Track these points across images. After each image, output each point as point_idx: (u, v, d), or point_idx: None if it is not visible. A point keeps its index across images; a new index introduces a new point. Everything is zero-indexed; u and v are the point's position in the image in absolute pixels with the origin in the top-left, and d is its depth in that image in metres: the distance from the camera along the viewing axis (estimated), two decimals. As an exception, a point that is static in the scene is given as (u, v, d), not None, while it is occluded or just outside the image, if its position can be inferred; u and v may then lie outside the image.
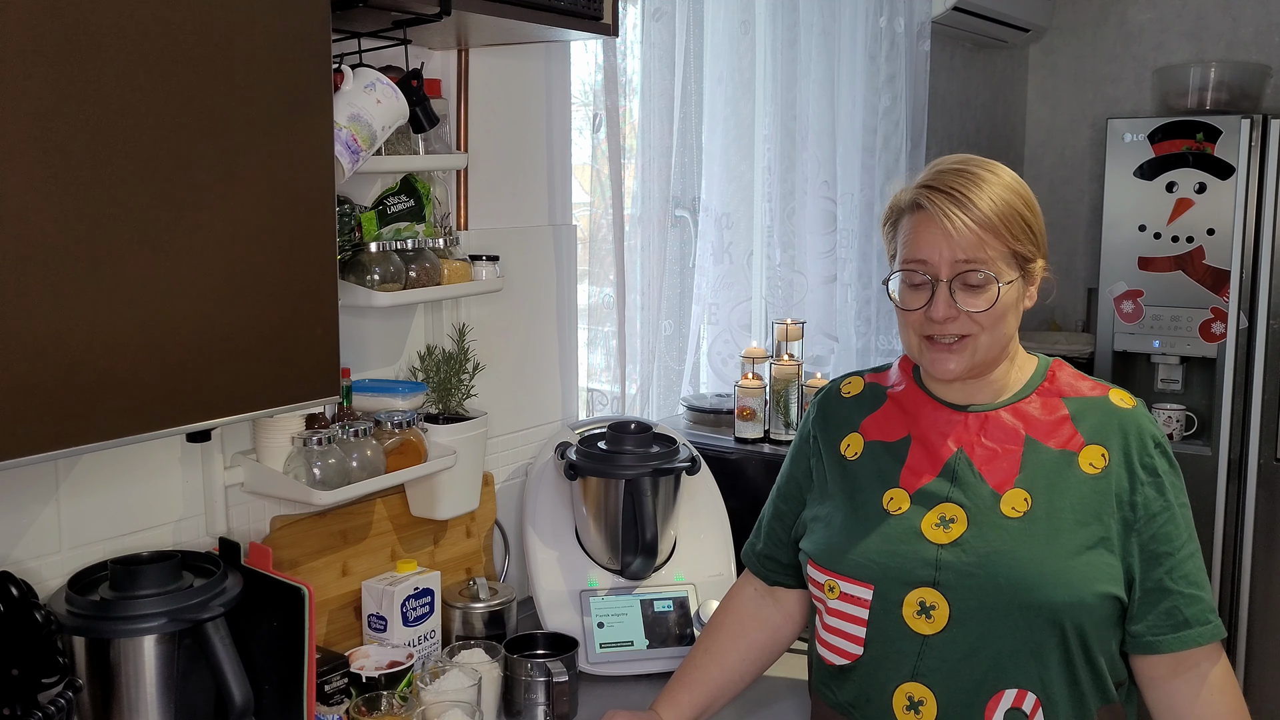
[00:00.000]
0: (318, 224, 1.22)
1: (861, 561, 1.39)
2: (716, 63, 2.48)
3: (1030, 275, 1.41)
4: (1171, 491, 1.38)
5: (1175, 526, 1.37)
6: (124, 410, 1.06)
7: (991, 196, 1.36)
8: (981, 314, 1.36)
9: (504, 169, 1.98)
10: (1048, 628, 1.32)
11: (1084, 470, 1.37)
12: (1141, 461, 1.38)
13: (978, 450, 1.41)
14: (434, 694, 1.49)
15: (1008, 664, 1.33)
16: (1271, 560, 3.23)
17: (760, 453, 2.16)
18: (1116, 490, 1.36)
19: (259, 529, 1.61)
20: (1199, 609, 1.36)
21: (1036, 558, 1.33)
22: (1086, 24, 3.96)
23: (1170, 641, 1.35)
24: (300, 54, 1.18)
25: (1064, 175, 4.08)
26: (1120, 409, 1.42)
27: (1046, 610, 1.32)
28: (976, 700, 1.33)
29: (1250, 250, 3.16)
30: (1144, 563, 1.36)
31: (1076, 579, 1.33)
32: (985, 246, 1.35)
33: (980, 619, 1.33)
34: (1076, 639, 1.33)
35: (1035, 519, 1.35)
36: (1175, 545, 1.36)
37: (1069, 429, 1.40)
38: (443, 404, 1.79)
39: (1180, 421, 3.38)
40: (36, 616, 1.21)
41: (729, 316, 2.60)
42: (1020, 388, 1.45)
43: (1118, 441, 1.39)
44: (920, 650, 1.35)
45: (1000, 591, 1.32)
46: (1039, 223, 1.41)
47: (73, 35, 0.99)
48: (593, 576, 1.87)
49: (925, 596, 1.35)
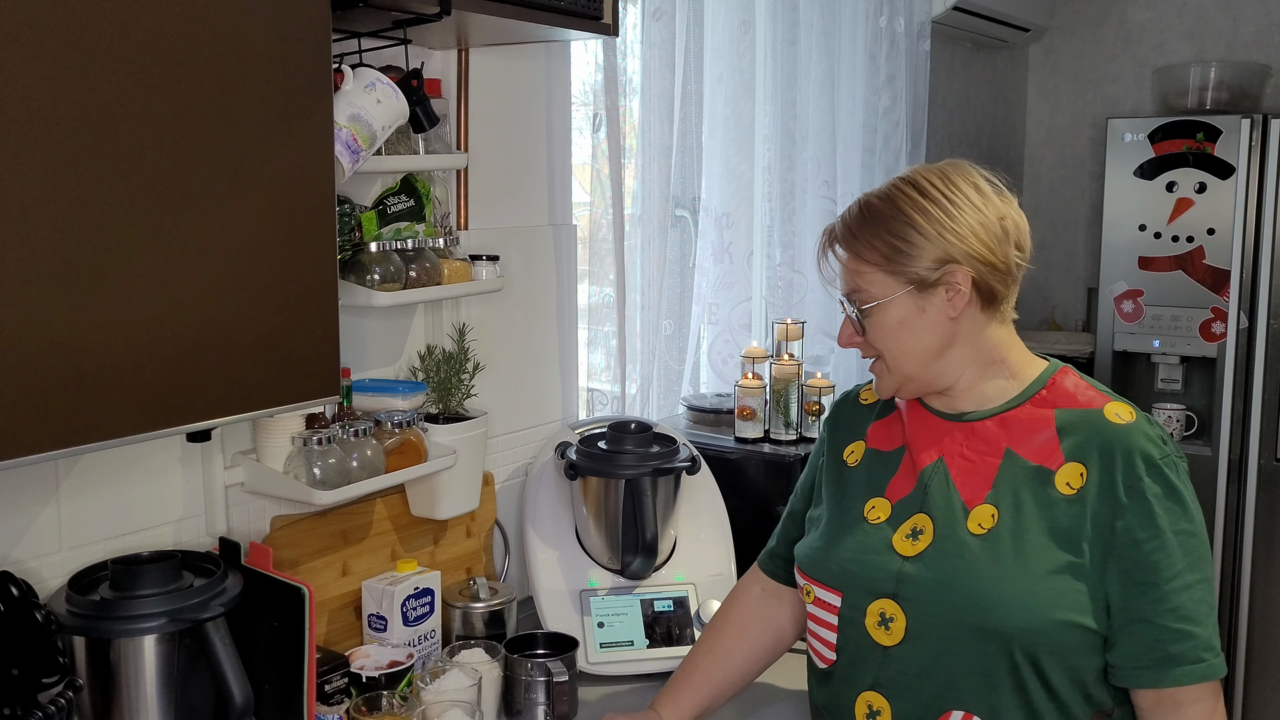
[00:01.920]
0: (318, 224, 1.22)
1: (832, 569, 1.40)
2: (716, 63, 2.48)
3: (926, 281, 1.32)
4: (1165, 517, 1.26)
5: (1165, 555, 1.26)
6: (124, 410, 1.06)
7: (854, 222, 1.36)
8: (875, 336, 1.37)
9: (504, 169, 1.98)
10: (998, 652, 1.28)
11: (1059, 490, 1.30)
12: (1127, 484, 1.27)
13: (957, 461, 1.37)
14: (434, 694, 1.49)
15: (960, 684, 1.30)
16: (1271, 560, 3.22)
17: (760, 453, 2.16)
18: (1094, 514, 1.28)
19: (259, 529, 1.61)
20: (1188, 646, 1.25)
21: (992, 579, 1.29)
22: (1086, 24, 3.96)
23: (1149, 677, 1.26)
24: (300, 54, 1.18)
25: (1064, 175, 4.08)
26: (1111, 424, 1.31)
27: (996, 634, 1.28)
28: (927, 716, 1.32)
29: (1250, 250, 3.16)
30: (1125, 592, 1.27)
31: (1034, 605, 1.26)
32: (858, 274, 1.36)
33: (934, 636, 1.31)
34: (1029, 666, 1.28)
35: (999, 538, 1.30)
36: (1163, 575, 1.25)
37: (1052, 443, 1.32)
38: (443, 404, 1.79)
39: (1180, 421, 3.38)
40: (37, 616, 1.21)
41: (729, 316, 2.60)
42: (1013, 396, 1.37)
43: (1100, 461, 1.29)
44: (881, 661, 1.35)
45: (953, 610, 1.30)
46: (930, 222, 1.31)
47: (73, 35, 0.99)
48: (593, 576, 1.87)
49: (885, 608, 1.34)
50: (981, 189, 1.35)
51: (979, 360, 1.37)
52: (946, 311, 1.33)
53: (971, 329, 1.36)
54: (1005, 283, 1.35)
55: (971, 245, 1.31)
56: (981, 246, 1.32)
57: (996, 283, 1.34)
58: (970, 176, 1.36)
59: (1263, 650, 3.25)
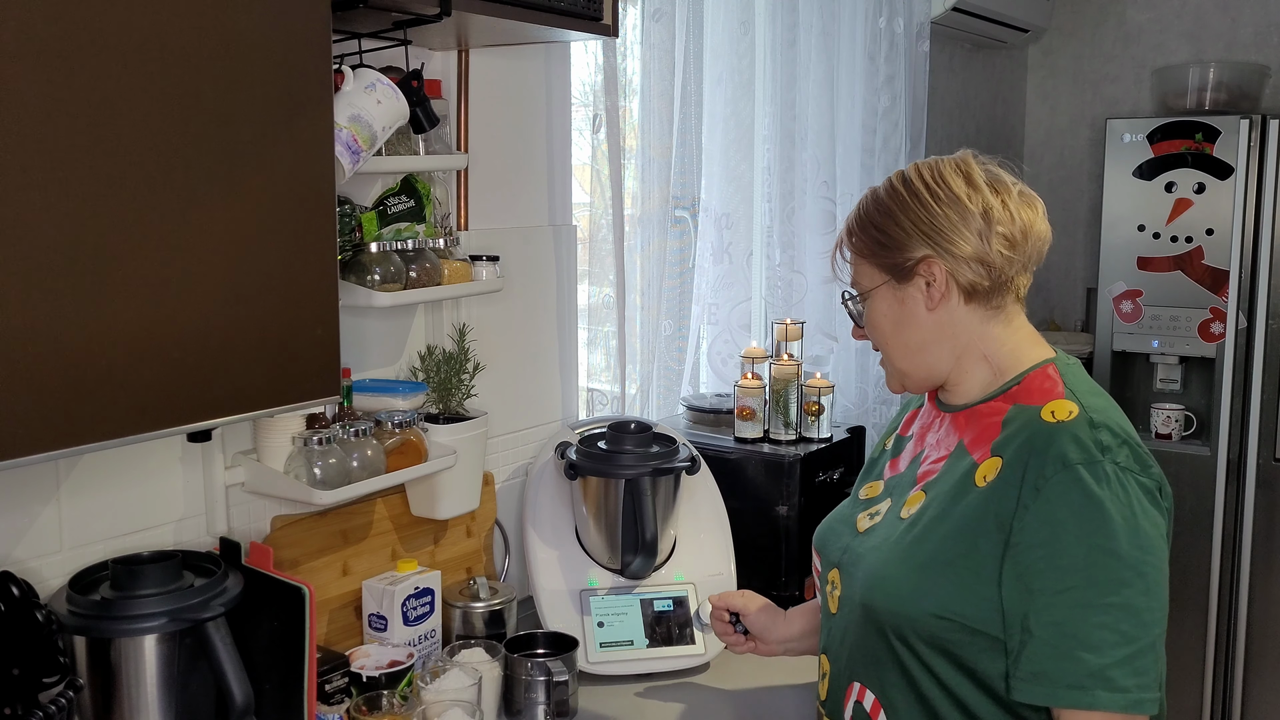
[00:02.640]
0: (318, 224, 1.22)
1: (820, 533, 1.49)
2: (716, 63, 2.48)
3: (904, 270, 1.33)
4: (1071, 524, 1.17)
5: (1056, 563, 1.16)
6: (124, 410, 1.07)
7: (853, 216, 1.42)
8: (869, 329, 1.41)
9: (504, 169, 1.98)
10: (876, 632, 1.31)
11: (975, 483, 1.26)
12: (1033, 482, 1.20)
13: (928, 450, 1.40)
14: (434, 693, 1.49)
15: (856, 656, 1.36)
16: (1271, 560, 3.23)
17: (760, 452, 2.16)
18: (996, 509, 1.22)
19: (259, 529, 1.61)
20: (1068, 666, 1.15)
21: (884, 561, 1.31)
22: (1085, 24, 3.96)
23: (1025, 690, 1.18)
24: (301, 54, 1.18)
25: (1063, 175, 4.08)
26: (1039, 421, 1.25)
27: (871, 614, 1.31)
28: (841, 684, 1.38)
29: (1249, 250, 3.17)
30: (1015, 596, 1.19)
31: (905, 590, 1.26)
32: (855, 267, 1.41)
33: (846, 609, 1.37)
34: (907, 651, 1.27)
35: (913, 524, 1.31)
36: (1050, 584, 1.16)
37: (989, 437, 1.29)
38: (443, 404, 1.80)
39: (1179, 421, 3.38)
40: (37, 616, 1.21)
41: (729, 316, 2.60)
42: (991, 391, 1.34)
43: (1018, 456, 1.23)
44: (829, 625, 1.42)
45: (854, 585, 1.35)
46: (907, 215, 1.32)
47: (73, 35, 0.99)
48: (593, 576, 1.87)
49: (833, 576, 1.42)
50: (973, 180, 1.32)
51: (964, 355, 1.35)
52: (924, 304, 1.33)
53: (954, 323, 1.33)
54: (989, 276, 1.31)
55: (947, 237, 1.30)
56: (959, 239, 1.29)
57: (977, 276, 1.30)
58: (965, 167, 1.34)
59: (1262, 649, 3.26)
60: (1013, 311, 1.36)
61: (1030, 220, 1.32)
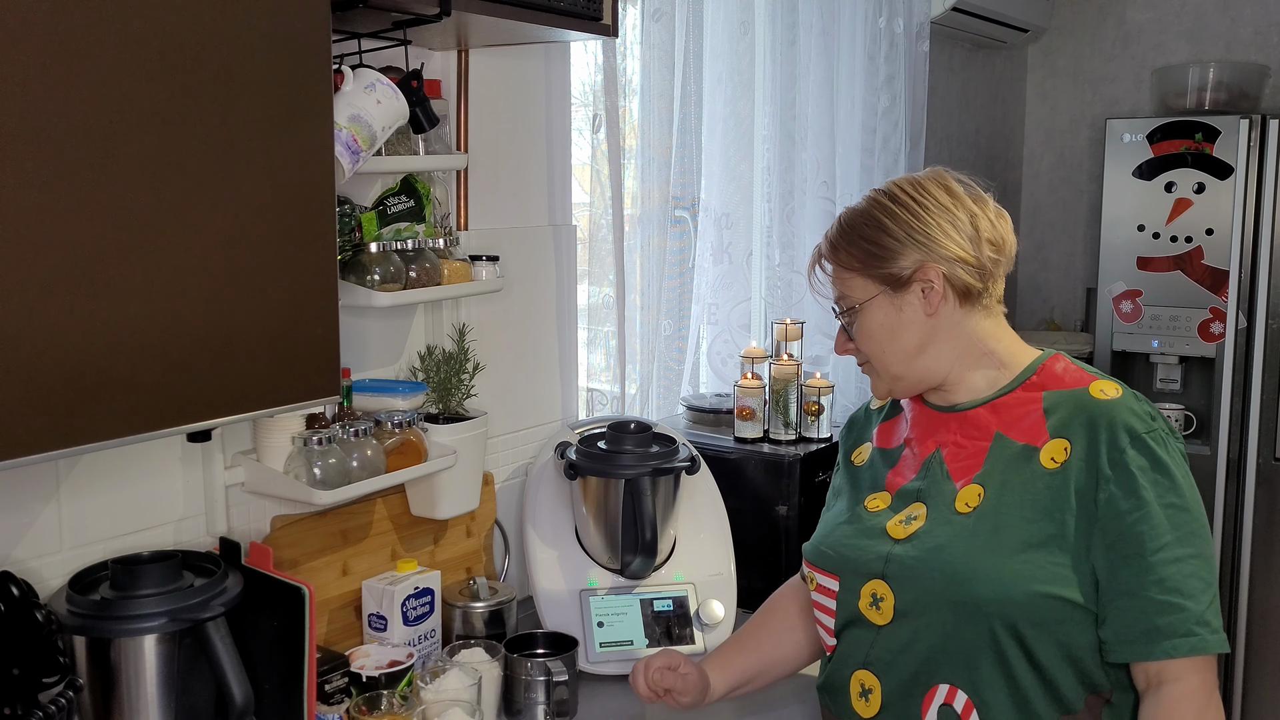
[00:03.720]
0: (318, 224, 1.22)
1: (830, 555, 1.46)
2: (716, 63, 2.48)
3: (900, 279, 1.38)
4: (1150, 489, 1.27)
5: (1150, 526, 1.26)
6: (124, 410, 1.07)
7: (835, 233, 1.44)
8: (861, 340, 1.43)
9: (504, 169, 1.98)
10: (976, 626, 1.31)
11: (1043, 465, 1.32)
12: (1110, 456, 1.29)
13: (950, 448, 1.41)
14: (434, 693, 1.49)
15: (940, 659, 1.34)
16: (1270, 560, 3.23)
17: (760, 452, 2.16)
18: (1076, 486, 1.30)
19: (259, 529, 1.61)
20: (1176, 618, 1.24)
21: (970, 553, 1.32)
22: (1085, 24, 3.96)
23: (1136, 650, 1.26)
24: (300, 54, 1.18)
25: (1063, 175, 4.08)
26: (1096, 400, 1.33)
27: (972, 607, 1.31)
28: (914, 692, 1.36)
29: (1249, 250, 3.17)
30: (1110, 564, 1.28)
31: (1008, 576, 1.29)
32: (842, 281, 1.43)
33: (918, 612, 1.35)
34: (1011, 639, 1.29)
35: (983, 515, 1.33)
36: (1148, 547, 1.26)
37: (1039, 423, 1.35)
38: (443, 404, 1.80)
39: (1179, 421, 3.38)
40: (37, 616, 1.21)
41: (729, 316, 2.60)
42: (1005, 384, 1.41)
43: (1085, 434, 1.31)
44: (873, 640, 1.39)
45: (934, 585, 1.34)
46: (898, 225, 1.38)
47: (73, 35, 0.99)
48: (593, 576, 1.87)
49: (876, 589, 1.39)
50: (953, 191, 1.40)
51: (965, 354, 1.41)
52: (923, 309, 1.39)
53: (951, 324, 1.40)
54: (980, 278, 1.38)
55: (940, 242, 1.37)
56: (951, 243, 1.37)
57: (970, 278, 1.38)
58: (942, 180, 1.42)
59: (1262, 649, 3.26)
60: (997, 310, 1.43)
61: (1005, 230, 1.43)
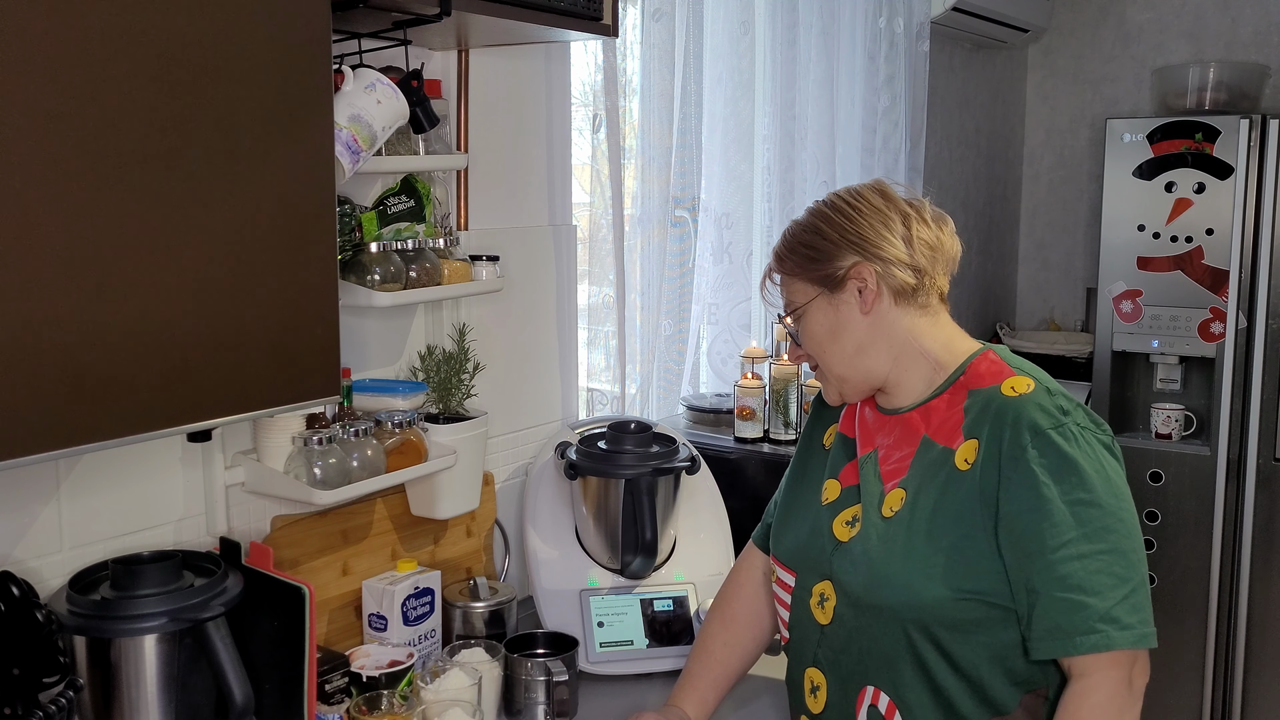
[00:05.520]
0: (318, 224, 1.22)
1: (789, 549, 1.49)
2: (716, 63, 2.48)
3: (836, 279, 1.40)
4: (1052, 486, 1.26)
5: (1049, 524, 1.25)
6: (125, 410, 1.07)
7: (779, 243, 1.47)
8: (806, 344, 1.45)
9: (504, 169, 1.98)
10: (891, 630, 1.34)
11: (958, 467, 1.33)
12: (1010, 454, 1.28)
13: (883, 451, 1.43)
14: (434, 693, 1.49)
15: (868, 661, 1.37)
16: (1270, 560, 3.23)
17: (760, 452, 2.16)
18: (983, 486, 1.30)
19: (259, 528, 1.61)
20: (1080, 616, 1.24)
21: (885, 559, 1.34)
22: (1085, 24, 3.96)
23: (1043, 648, 1.27)
24: (301, 54, 1.18)
25: (1063, 175, 4.08)
26: (1003, 398, 1.33)
27: (887, 612, 1.33)
28: (850, 692, 1.40)
29: (1249, 250, 3.16)
30: (1015, 563, 1.28)
31: (916, 581, 1.31)
32: (787, 288, 1.46)
33: (850, 616, 1.39)
34: (927, 642, 1.31)
35: (902, 520, 1.35)
36: (1049, 544, 1.25)
37: (957, 424, 1.35)
38: (443, 404, 1.80)
39: (1179, 421, 3.38)
40: (37, 616, 1.21)
41: (729, 316, 2.60)
42: (938, 385, 1.40)
43: (990, 433, 1.31)
44: (819, 639, 1.43)
45: (858, 591, 1.37)
46: (833, 228, 1.40)
47: (74, 36, 0.99)
48: (593, 576, 1.87)
49: (824, 589, 1.42)
50: (888, 195, 1.43)
51: (901, 354, 1.42)
52: (859, 308, 1.40)
53: (888, 324, 1.41)
54: (915, 276, 1.39)
55: (874, 243, 1.39)
56: (885, 244, 1.39)
57: (904, 275, 1.39)
58: (879, 187, 1.45)
59: (1261, 649, 3.26)
60: (938, 309, 1.44)
61: (944, 232, 1.43)
